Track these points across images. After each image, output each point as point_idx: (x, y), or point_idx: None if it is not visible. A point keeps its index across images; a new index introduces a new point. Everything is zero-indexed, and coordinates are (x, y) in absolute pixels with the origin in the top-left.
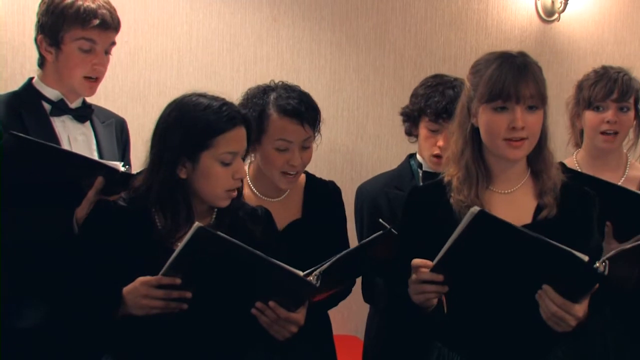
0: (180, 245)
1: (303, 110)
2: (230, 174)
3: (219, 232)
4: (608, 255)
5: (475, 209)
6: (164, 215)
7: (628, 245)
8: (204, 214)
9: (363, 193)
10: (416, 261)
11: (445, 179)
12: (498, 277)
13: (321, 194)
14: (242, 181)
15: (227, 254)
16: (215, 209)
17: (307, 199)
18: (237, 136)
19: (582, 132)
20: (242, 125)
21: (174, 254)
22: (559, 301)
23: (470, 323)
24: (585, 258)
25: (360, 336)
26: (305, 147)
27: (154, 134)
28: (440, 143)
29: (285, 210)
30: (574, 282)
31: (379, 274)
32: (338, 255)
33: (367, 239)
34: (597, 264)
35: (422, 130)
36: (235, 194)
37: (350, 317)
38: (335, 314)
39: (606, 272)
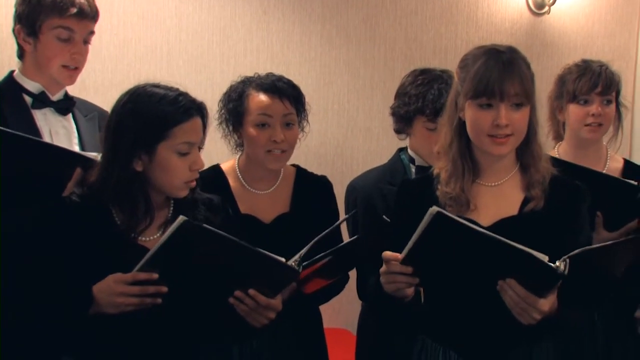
0: (162, 239)
1: (280, 85)
2: (188, 164)
3: (204, 225)
4: (570, 254)
5: (434, 209)
6: (122, 210)
7: (594, 246)
8: (162, 206)
9: (356, 189)
10: (387, 254)
11: (435, 172)
12: (464, 271)
13: (312, 189)
14: (198, 172)
15: (211, 246)
16: (172, 201)
17: (296, 193)
18: (194, 126)
19: (563, 125)
20: (198, 115)
21: (154, 248)
22: (522, 293)
23: (449, 314)
24: (545, 258)
25: (351, 329)
26: (288, 125)
27: (107, 127)
28: None
29: (274, 203)
30: (535, 279)
31: (373, 271)
32: (313, 241)
33: (337, 222)
34: (558, 263)
35: (420, 130)
36: (194, 184)
37: (341, 311)
38: (326, 308)
39: (566, 272)
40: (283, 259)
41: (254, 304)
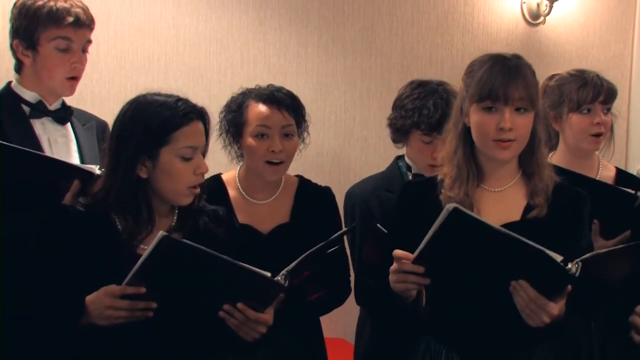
0: (144, 254)
1: (279, 95)
2: (192, 169)
3: (184, 240)
4: (582, 257)
5: (451, 205)
6: (125, 218)
7: (603, 250)
8: (165, 215)
9: (353, 196)
10: (398, 252)
11: (439, 178)
12: (476, 270)
13: (314, 199)
14: (203, 177)
15: (193, 261)
16: (177, 210)
17: (297, 204)
18: (195, 130)
19: (557, 135)
20: (199, 119)
21: (138, 263)
22: (533, 295)
23: (453, 315)
24: (559, 258)
25: (349, 339)
26: (287, 136)
27: (110, 137)
28: (437, 154)
29: (273, 214)
30: (547, 280)
31: (370, 276)
32: (303, 255)
33: (330, 238)
34: (570, 265)
35: (416, 143)
36: (198, 190)
37: (339, 320)
38: (324, 317)
39: (577, 274)
40: (268, 274)
41: (243, 318)
